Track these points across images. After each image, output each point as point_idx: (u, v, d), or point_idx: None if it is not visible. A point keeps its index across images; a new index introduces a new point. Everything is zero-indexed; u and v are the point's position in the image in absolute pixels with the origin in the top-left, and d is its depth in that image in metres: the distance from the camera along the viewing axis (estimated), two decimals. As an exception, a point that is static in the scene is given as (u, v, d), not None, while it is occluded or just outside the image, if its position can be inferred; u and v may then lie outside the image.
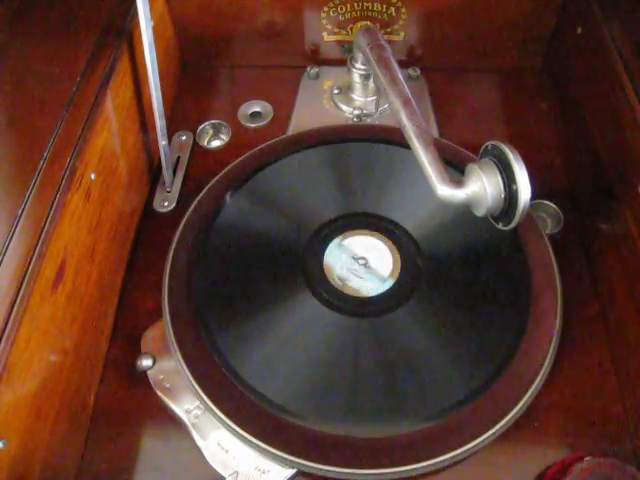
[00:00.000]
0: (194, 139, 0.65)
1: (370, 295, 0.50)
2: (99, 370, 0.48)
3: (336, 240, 0.53)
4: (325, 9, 0.66)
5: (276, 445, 0.41)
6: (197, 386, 0.44)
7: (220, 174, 0.57)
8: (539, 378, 0.44)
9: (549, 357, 0.45)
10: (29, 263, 0.38)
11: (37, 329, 0.38)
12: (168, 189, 0.60)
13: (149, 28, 0.50)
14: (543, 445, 0.45)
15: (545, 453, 0.44)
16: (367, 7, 0.66)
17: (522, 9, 0.64)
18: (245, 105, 0.68)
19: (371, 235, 0.53)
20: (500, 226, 0.44)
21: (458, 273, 0.51)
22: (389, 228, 0.54)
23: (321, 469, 0.41)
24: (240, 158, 0.58)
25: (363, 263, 0.52)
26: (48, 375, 0.40)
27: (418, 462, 0.41)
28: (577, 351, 0.49)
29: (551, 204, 0.57)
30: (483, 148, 0.44)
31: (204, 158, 0.63)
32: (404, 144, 0.47)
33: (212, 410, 0.43)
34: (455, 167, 0.51)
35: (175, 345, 0.46)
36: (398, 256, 0.52)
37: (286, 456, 0.41)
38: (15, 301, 0.37)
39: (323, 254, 0.52)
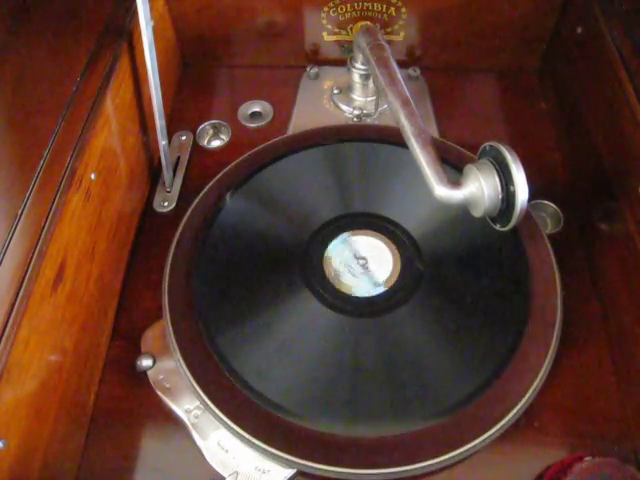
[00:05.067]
0: (194, 139, 0.65)
1: (370, 295, 0.50)
2: (99, 370, 0.48)
3: (336, 240, 0.53)
4: (325, 9, 0.66)
5: (276, 445, 0.41)
6: (197, 386, 0.44)
7: (220, 174, 0.57)
8: (539, 378, 0.44)
9: (549, 357, 0.45)
10: (29, 263, 0.38)
11: (37, 329, 0.38)
12: (168, 189, 0.60)
13: (149, 28, 0.50)
14: (543, 445, 0.45)
15: (545, 453, 0.44)
16: (367, 7, 0.66)
17: (522, 9, 0.64)
18: (245, 105, 0.68)
19: (371, 235, 0.53)
20: (498, 227, 0.45)
21: (458, 273, 0.51)
22: (389, 228, 0.54)
23: (321, 469, 0.41)
24: (240, 158, 0.58)
25: (363, 263, 0.52)
26: (48, 375, 0.40)
27: (418, 462, 0.41)
28: (577, 351, 0.49)
29: (551, 204, 0.57)
30: (481, 149, 0.44)
31: (204, 158, 0.63)
32: (404, 144, 0.47)
33: (212, 410, 0.43)
34: (455, 167, 0.51)
35: (175, 345, 0.46)
36: (398, 256, 0.52)
37: (286, 456, 0.41)
38: (15, 301, 0.37)
39: (323, 254, 0.52)
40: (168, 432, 0.45)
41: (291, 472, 0.42)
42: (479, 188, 0.42)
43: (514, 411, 0.43)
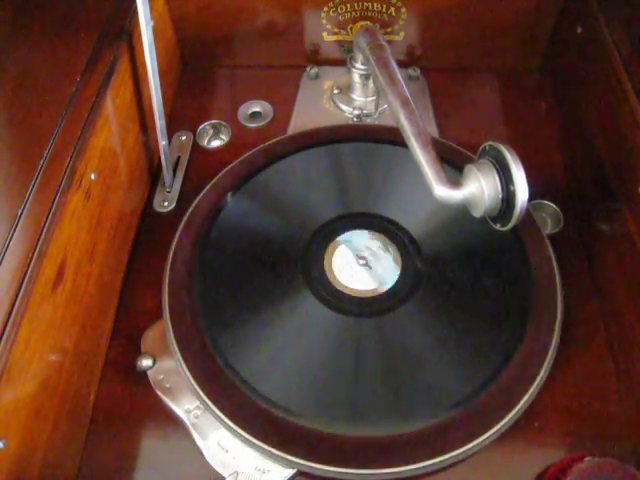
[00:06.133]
0: (194, 139, 0.65)
1: (371, 295, 0.50)
2: (99, 370, 0.48)
3: (336, 240, 0.53)
4: (325, 9, 0.66)
5: (276, 445, 0.42)
6: (197, 386, 0.44)
7: (220, 174, 0.57)
8: (539, 378, 0.44)
9: (549, 357, 0.45)
10: (29, 263, 0.38)
11: (37, 329, 0.38)
12: (168, 189, 0.60)
13: (149, 28, 0.50)
14: (543, 445, 0.45)
15: (545, 453, 0.44)
16: (367, 7, 0.66)
17: (522, 9, 0.64)
18: (245, 105, 0.68)
19: (371, 235, 0.53)
20: (498, 227, 0.44)
21: (458, 273, 0.51)
22: (389, 228, 0.54)
23: (321, 469, 0.41)
24: (240, 158, 0.58)
25: (363, 263, 0.52)
26: (48, 375, 0.40)
27: (418, 462, 0.41)
28: (577, 351, 0.49)
29: (551, 204, 0.57)
30: (481, 149, 0.44)
31: (204, 158, 0.63)
32: (404, 144, 0.47)
33: (212, 410, 0.43)
34: (455, 167, 0.51)
35: (175, 345, 0.46)
36: (398, 256, 0.52)
37: (286, 456, 0.41)
38: (15, 301, 0.37)
39: (323, 254, 0.52)
40: (168, 432, 0.45)
41: (291, 472, 0.42)
42: (479, 188, 0.42)
43: (514, 411, 0.43)
